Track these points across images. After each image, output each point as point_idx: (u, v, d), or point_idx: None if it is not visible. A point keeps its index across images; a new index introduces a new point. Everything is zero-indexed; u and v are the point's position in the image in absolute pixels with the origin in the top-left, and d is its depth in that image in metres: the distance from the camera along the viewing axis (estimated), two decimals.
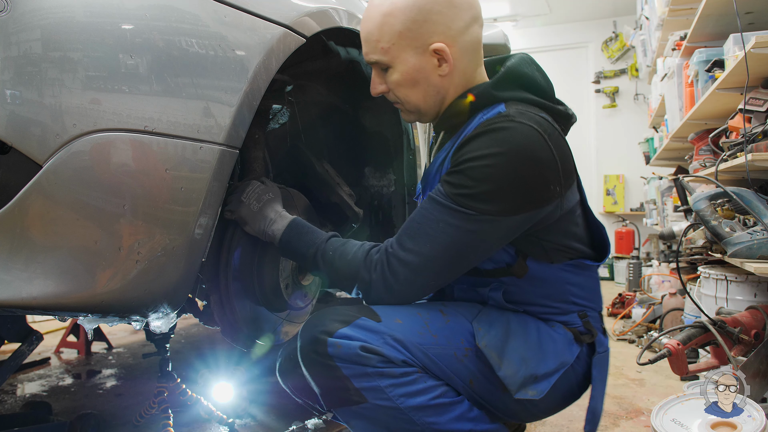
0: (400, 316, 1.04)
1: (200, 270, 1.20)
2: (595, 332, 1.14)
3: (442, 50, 1.05)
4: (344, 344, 0.98)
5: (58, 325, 3.55)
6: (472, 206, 1.00)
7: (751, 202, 1.78)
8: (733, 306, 2.00)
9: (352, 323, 1.00)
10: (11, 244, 0.81)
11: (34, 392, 2.33)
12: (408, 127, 1.69)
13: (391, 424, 0.99)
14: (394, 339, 1.00)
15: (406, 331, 1.01)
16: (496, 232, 1.03)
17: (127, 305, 0.93)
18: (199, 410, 1.72)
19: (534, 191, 1.02)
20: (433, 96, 1.12)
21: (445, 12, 1.04)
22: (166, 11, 0.95)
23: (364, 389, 0.98)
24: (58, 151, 0.82)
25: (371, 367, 0.97)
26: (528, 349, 1.06)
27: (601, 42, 6.53)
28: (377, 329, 1.00)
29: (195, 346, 3.05)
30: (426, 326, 1.04)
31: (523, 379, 1.03)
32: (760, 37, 1.82)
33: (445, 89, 1.12)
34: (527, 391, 1.02)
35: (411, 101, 1.13)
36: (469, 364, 1.05)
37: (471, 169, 1.00)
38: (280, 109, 1.70)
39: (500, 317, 1.10)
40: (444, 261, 1.03)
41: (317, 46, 1.50)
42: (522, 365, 1.04)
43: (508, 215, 1.01)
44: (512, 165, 0.99)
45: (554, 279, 1.12)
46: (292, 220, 1.20)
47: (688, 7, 3.24)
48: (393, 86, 1.12)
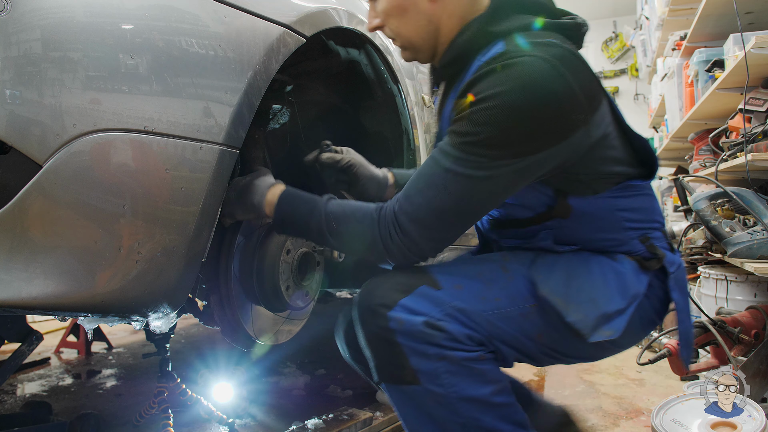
0: (460, 281, 0.99)
1: (200, 270, 1.20)
2: (661, 254, 1.06)
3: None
4: (407, 319, 0.93)
5: (58, 325, 3.55)
6: (482, 153, 0.92)
7: (751, 202, 1.78)
8: (733, 306, 2.00)
9: (413, 292, 0.95)
10: (11, 244, 0.81)
11: (34, 392, 2.33)
12: (408, 127, 1.69)
13: (435, 410, 0.96)
14: (456, 309, 0.95)
15: (468, 297, 0.97)
16: (514, 175, 0.95)
17: (127, 305, 0.93)
18: (199, 410, 1.72)
19: (550, 126, 0.92)
20: (424, 27, 1.05)
21: None
22: (166, 11, 0.95)
23: (421, 372, 0.94)
24: (58, 151, 0.82)
25: (433, 346, 0.93)
26: (594, 288, 1.00)
27: (601, 42, 6.53)
28: (439, 299, 0.96)
29: (195, 346, 3.05)
30: (488, 288, 0.99)
31: (595, 320, 0.96)
32: (760, 37, 1.83)
33: (437, 18, 1.04)
34: (602, 332, 0.96)
35: (403, 34, 1.08)
36: (535, 319, 0.99)
37: (475, 113, 0.92)
38: (280, 109, 1.70)
39: (558, 260, 1.03)
40: (458, 212, 0.96)
41: (317, 46, 1.50)
42: (591, 306, 0.98)
43: (523, 156, 0.93)
44: (519, 102, 0.90)
45: (603, 210, 1.04)
46: (284, 190, 1.14)
47: (688, 7, 3.24)
48: (383, 17, 1.08)
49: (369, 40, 1.51)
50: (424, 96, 1.87)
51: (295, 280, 1.38)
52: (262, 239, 1.35)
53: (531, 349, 1.01)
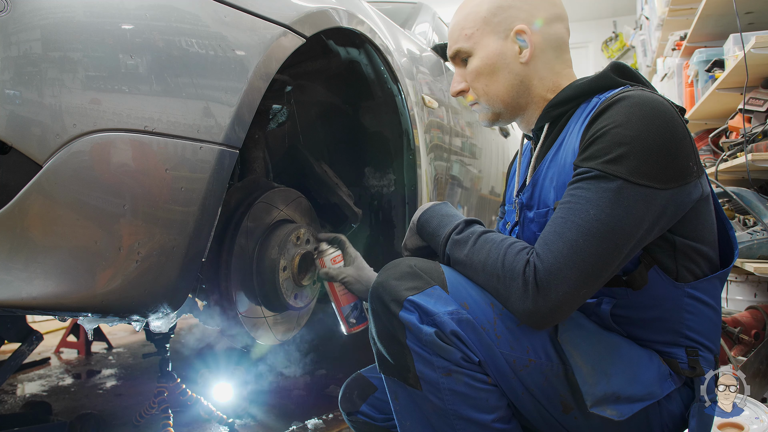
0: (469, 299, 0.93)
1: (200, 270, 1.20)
2: (700, 372, 0.97)
3: (522, 31, 1.03)
4: (417, 326, 0.90)
5: (58, 325, 3.55)
6: (616, 170, 0.86)
7: (751, 202, 1.78)
8: (733, 306, 2.00)
9: (424, 291, 0.92)
10: (11, 244, 0.81)
11: (34, 392, 2.33)
12: (408, 127, 1.69)
13: (432, 417, 0.94)
14: (462, 320, 0.91)
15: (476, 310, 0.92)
16: (646, 206, 0.86)
17: (127, 305, 0.93)
18: (199, 410, 1.72)
19: (677, 161, 0.87)
20: (516, 86, 1.05)
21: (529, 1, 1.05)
22: (166, 11, 0.95)
23: (423, 379, 0.92)
24: (58, 151, 0.82)
25: (441, 359, 0.90)
26: (613, 365, 0.93)
27: (601, 42, 6.53)
28: (449, 305, 0.91)
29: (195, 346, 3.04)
30: (495, 321, 0.93)
31: (604, 394, 0.90)
32: (760, 37, 1.83)
33: (528, 78, 1.05)
34: (605, 409, 0.90)
35: (491, 93, 1.07)
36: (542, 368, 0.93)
37: (607, 135, 0.88)
38: (280, 109, 1.70)
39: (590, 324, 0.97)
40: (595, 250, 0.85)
41: (317, 46, 1.50)
42: (603, 378, 0.91)
43: (656, 186, 0.86)
44: (652, 128, 0.87)
45: (672, 301, 0.96)
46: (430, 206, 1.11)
47: (688, 7, 3.24)
48: (472, 78, 1.07)
49: (369, 40, 1.51)
50: (424, 96, 1.87)
51: (295, 279, 1.38)
52: (263, 240, 1.35)
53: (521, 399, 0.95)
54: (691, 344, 0.97)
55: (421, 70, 1.93)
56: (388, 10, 2.41)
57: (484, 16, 1.05)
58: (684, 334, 0.97)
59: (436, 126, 1.97)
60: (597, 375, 0.91)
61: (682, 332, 0.97)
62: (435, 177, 1.93)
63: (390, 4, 2.66)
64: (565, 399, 0.93)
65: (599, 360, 0.93)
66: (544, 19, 1.05)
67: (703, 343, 0.98)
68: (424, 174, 1.76)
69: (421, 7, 2.63)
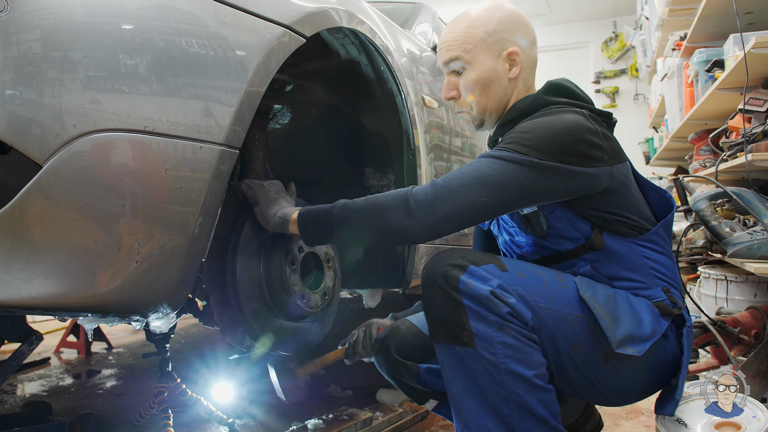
0: (523, 271, 1.09)
1: (200, 270, 1.20)
2: (681, 305, 1.18)
3: (516, 53, 1.22)
4: (476, 284, 1.02)
5: (58, 325, 3.55)
6: (513, 148, 1.08)
7: (751, 202, 1.78)
8: (733, 306, 2.00)
9: (483, 266, 1.05)
10: (11, 244, 0.81)
11: (34, 392, 2.33)
12: (408, 127, 1.69)
13: (481, 377, 1.02)
14: (518, 291, 1.04)
15: (528, 287, 1.06)
16: (534, 178, 1.08)
17: (127, 305, 0.93)
18: (199, 410, 1.72)
19: (578, 147, 1.09)
20: (501, 97, 1.25)
21: (519, 28, 1.24)
22: (166, 11, 0.95)
23: (478, 336, 1.01)
24: (58, 151, 0.82)
25: (495, 315, 1.01)
26: (622, 311, 1.10)
27: (601, 42, 6.53)
28: (505, 278, 1.05)
29: (195, 346, 3.05)
30: (545, 286, 1.09)
31: (623, 336, 1.06)
32: (760, 37, 1.83)
33: (510, 92, 1.25)
34: (626, 348, 1.05)
35: (481, 103, 1.25)
36: (577, 330, 1.09)
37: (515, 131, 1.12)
38: (280, 109, 1.70)
39: (597, 283, 1.15)
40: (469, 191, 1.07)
41: (317, 46, 1.50)
42: (619, 323, 1.07)
43: (548, 160, 1.07)
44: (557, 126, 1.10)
45: (631, 252, 1.17)
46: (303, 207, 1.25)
47: (688, 7, 3.24)
48: (466, 87, 1.25)
49: (369, 40, 1.51)
50: (424, 96, 1.87)
51: (303, 282, 1.38)
52: (269, 242, 1.34)
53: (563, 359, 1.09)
54: (663, 283, 1.18)
55: (421, 70, 1.93)
56: (388, 10, 2.40)
57: (482, 37, 1.23)
58: (654, 275, 1.18)
59: (436, 126, 1.97)
60: (615, 322, 1.07)
61: (651, 274, 1.17)
62: (435, 177, 1.92)
63: (390, 4, 2.66)
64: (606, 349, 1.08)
65: (612, 309, 1.09)
66: (528, 43, 1.26)
67: (668, 281, 1.19)
68: (424, 174, 1.76)
69: (421, 7, 2.63)
